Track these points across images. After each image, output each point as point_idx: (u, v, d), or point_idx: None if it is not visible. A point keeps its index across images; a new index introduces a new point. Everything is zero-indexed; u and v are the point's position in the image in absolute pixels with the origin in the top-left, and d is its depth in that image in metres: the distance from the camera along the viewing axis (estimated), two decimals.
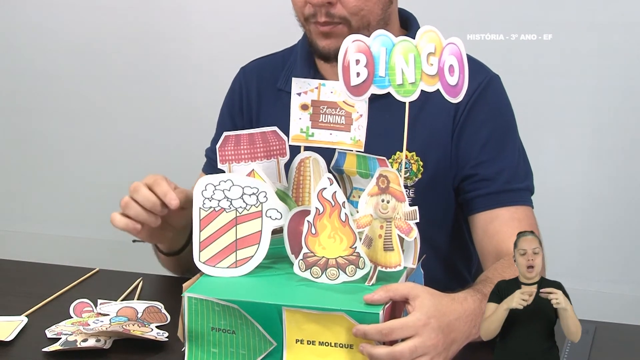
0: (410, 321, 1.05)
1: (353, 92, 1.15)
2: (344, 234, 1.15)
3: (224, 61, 2.28)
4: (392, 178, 1.15)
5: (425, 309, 1.06)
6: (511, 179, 1.43)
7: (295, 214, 1.19)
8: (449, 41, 1.15)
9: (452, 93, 1.16)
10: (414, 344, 1.04)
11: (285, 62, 1.58)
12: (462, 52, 1.15)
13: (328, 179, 1.14)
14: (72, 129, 3.31)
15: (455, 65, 1.15)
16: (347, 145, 1.25)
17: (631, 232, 2.76)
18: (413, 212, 1.14)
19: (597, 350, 1.22)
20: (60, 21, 3.23)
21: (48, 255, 2.51)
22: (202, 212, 1.18)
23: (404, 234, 1.14)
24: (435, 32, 1.15)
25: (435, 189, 1.46)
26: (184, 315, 1.13)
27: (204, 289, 1.13)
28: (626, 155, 2.73)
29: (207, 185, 1.18)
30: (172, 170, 3.30)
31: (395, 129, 1.46)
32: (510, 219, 1.40)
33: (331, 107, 1.24)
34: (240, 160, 1.23)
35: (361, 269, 1.15)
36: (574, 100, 2.74)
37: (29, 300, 1.39)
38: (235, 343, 1.12)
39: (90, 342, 1.21)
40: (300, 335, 1.09)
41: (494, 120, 1.47)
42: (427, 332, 1.05)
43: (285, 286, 1.14)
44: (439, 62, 1.15)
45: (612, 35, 2.66)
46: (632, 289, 2.78)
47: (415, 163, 1.46)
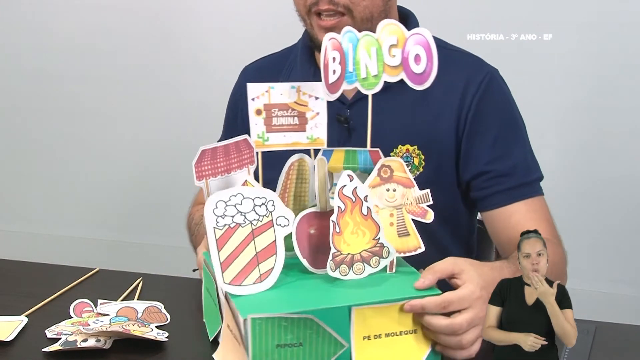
0: (466, 294, 1.11)
1: (330, 90, 1.20)
2: (367, 228, 1.16)
3: (226, 61, 2.29)
4: (396, 166, 1.19)
5: (476, 281, 1.12)
6: (526, 173, 1.47)
7: (302, 218, 1.18)
8: (414, 32, 1.17)
9: (417, 81, 1.18)
10: (470, 316, 1.10)
11: (286, 60, 1.59)
12: (429, 41, 1.17)
13: (348, 175, 1.16)
14: (72, 129, 3.31)
15: (422, 54, 1.17)
16: (304, 145, 1.25)
17: (631, 232, 2.76)
18: (425, 195, 1.20)
19: (597, 350, 1.22)
20: (60, 21, 3.23)
21: (48, 255, 2.51)
22: (217, 231, 1.12)
23: (419, 217, 1.19)
24: (397, 25, 1.18)
25: (437, 183, 1.47)
26: (247, 340, 1.06)
27: (265, 308, 1.07)
28: (627, 155, 2.73)
29: (217, 202, 1.12)
30: (173, 170, 3.30)
31: (396, 123, 1.47)
32: (528, 211, 1.45)
33: (282, 109, 1.23)
34: (217, 174, 1.19)
35: (385, 258, 1.17)
36: (573, 100, 2.74)
37: (29, 300, 1.39)
38: (302, 355, 1.08)
39: (90, 342, 1.21)
40: (367, 332, 1.10)
41: (502, 115, 1.49)
42: (480, 304, 1.10)
43: (325, 289, 1.14)
44: (403, 53, 1.18)
45: (612, 35, 2.66)
46: (632, 289, 2.78)
47: (417, 157, 1.47)
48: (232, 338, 1.11)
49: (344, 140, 1.49)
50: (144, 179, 3.26)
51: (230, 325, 1.12)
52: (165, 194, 3.20)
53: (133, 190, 3.30)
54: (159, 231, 3.26)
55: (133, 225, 3.34)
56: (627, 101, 2.70)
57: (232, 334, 1.11)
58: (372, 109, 1.21)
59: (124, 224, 3.35)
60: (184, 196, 1.76)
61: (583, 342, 1.23)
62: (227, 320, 1.13)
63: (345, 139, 1.49)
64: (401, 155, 1.47)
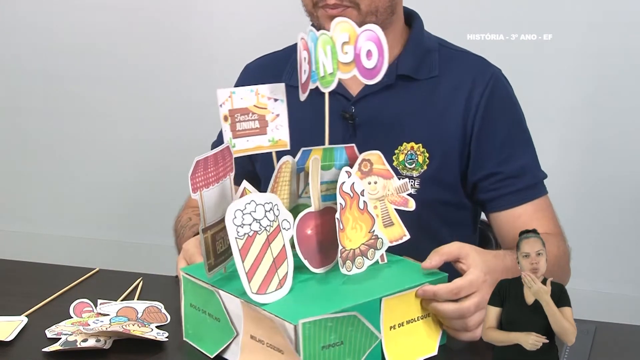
0: (474, 279, 1.14)
1: (303, 89, 1.22)
2: (363, 221, 1.18)
3: (227, 61, 2.29)
4: (375, 159, 1.22)
5: (480, 266, 1.16)
6: (534, 174, 1.50)
7: (300, 219, 1.18)
8: (364, 28, 1.19)
9: (368, 75, 1.20)
10: (477, 300, 1.14)
11: (289, 57, 1.59)
12: (379, 36, 1.19)
13: (346, 172, 1.17)
14: (72, 129, 3.31)
15: (373, 50, 1.19)
16: (266, 148, 1.25)
17: (631, 232, 2.76)
18: (404, 184, 1.23)
19: (597, 350, 1.22)
20: (60, 21, 3.23)
21: (48, 255, 2.52)
22: (239, 241, 1.10)
23: (402, 206, 1.23)
24: (348, 22, 1.19)
25: (441, 181, 1.48)
26: (299, 346, 1.04)
27: (308, 311, 1.05)
28: (627, 154, 2.73)
29: (235, 212, 1.10)
30: (173, 170, 3.31)
31: (402, 120, 1.47)
32: (535, 211, 1.48)
33: (244, 114, 1.23)
34: (209, 184, 1.15)
35: (379, 249, 1.20)
36: (573, 100, 2.74)
37: (29, 300, 1.39)
38: (343, 354, 1.08)
39: (90, 342, 1.21)
40: (393, 321, 1.13)
41: (508, 116, 1.50)
42: (486, 288, 1.14)
43: (341, 285, 1.15)
44: (355, 49, 1.19)
45: (612, 35, 2.66)
46: (632, 289, 2.78)
47: (422, 154, 1.47)
48: (262, 348, 1.09)
49: (349, 137, 1.48)
50: (144, 179, 3.26)
51: (256, 336, 1.10)
52: (165, 194, 3.20)
53: (133, 190, 3.30)
54: (159, 231, 3.25)
55: (133, 225, 3.34)
56: (627, 101, 2.70)
57: (261, 344, 1.09)
58: (328, 108, 1.21)
59: (124, 224, 3.35)
60: (183, 196, 1.76)
61: (583, 342, 1.23)
62: (250, 331, 1.11)
63: (350, 135, 1.49)
64: (406, 152, 1.47)
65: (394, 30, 1.50)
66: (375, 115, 1.49)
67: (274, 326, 1.06)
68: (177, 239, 1.59)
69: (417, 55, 1.51)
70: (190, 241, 1.34)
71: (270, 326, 1.07)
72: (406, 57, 1.50)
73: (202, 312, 1.19)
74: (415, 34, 1.53)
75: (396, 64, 1.49)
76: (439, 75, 1.50)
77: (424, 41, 1.53)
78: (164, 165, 3.20)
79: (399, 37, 1.52)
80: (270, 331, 1.07)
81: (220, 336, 1.16)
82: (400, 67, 1.49)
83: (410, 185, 1.25)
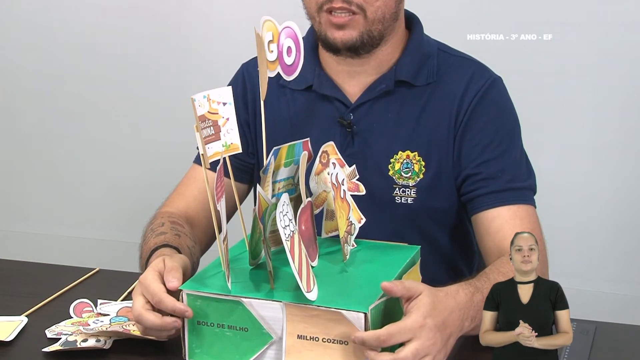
0: (408, 325, 1.06)
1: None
2: (343, 210, 1.23)
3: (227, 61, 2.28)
4: (330, 150, 1.27)
5: (422, 310, 1.07)
6: (514, 178, 1.44)
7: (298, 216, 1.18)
8: (284, 25, 1.22)
9: (288, 72, 1.25)
10: (415, 347, 1.06)
11: None
12: (297, 33, 1.22)
13: (332, 163, 1.22)
14: (72, 129, 3.31)
15: (292, 46, 1.23)
16: (222, 154, 1.19)
17: (631, 232, 2.76)
18: (352, 171, 1.28)
19: (597, 350, 1.22)
20: (60, 21, 3.23)
21: (48, 255, 2.51)
22: (288, 244, 1.09)
23: (354, 191, 1.27)
24: (271, 21, 1.22)
25: (438, 188, 1.47)
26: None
27: (363, 300, 1.09)
28: (627, 155, 2.73)
29: (279, 214, 1.11)
30: (173, 170, 3.30)
31: (398, 129, 1.46)
32: (512, 217, 1.41)
33: (202, 121, 1.16)
34: (219, 198, 1.15)
35: (352, 234, 1.27)
36: (574, 100, 2.74)
37: (29, 300, 1.39)
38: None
39: (90, 342, 1.21)
40: None
41: (497, 122, 1.47)
42: (425, 333, 1.06)
43: (353, 271, 1.21)
44: (278, 47, 1.23)
45: (612, 35, 2.66)
46: (632, 289, 2.78)
47: (417, 163, 1.46)
48: (316, 345, 1.09)
49: (346, 145, 1.47)
50: (144, 179, 3.26)
51: (306, 334, 1.10)
52: (166, 195, 3.18)
53: (133, 190, 3.30)
54: None
55: (133, 225, 3.32)
56: (627, 101, 2.70)
57: (314, 341, 1.09)
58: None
59: (124, 224, 3.34)
60: None
61: (583, 342, 1.23)
62: (297, 332, 1.10)
63: (348, 143, 1.47)
64: (401, 161, 1.46)
65: (395, 36, 1.47)
66: (372, 123, 1.47)
67: (335, 319, 1.07)
68: (141, 242, 1.53)
69: (416, 61, 1.48)
70: (148, 272, 1.21)
71: (329, 320, 1.08)
72: (405, 63, 1.48)
73: (217, 327, 1.14)
74: (415, 38, 1.50)
75: (395, 70, 1.47)
76: (437, 82, 1.47)
77: (423, 46, 1.50)
78: (164, 166, 3.20)
79: (399, 42, 1.49)
80: (328, 325, 1.08)
81: (248, 346, 1.13)
82: (398, 72, 1.47)
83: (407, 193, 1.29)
